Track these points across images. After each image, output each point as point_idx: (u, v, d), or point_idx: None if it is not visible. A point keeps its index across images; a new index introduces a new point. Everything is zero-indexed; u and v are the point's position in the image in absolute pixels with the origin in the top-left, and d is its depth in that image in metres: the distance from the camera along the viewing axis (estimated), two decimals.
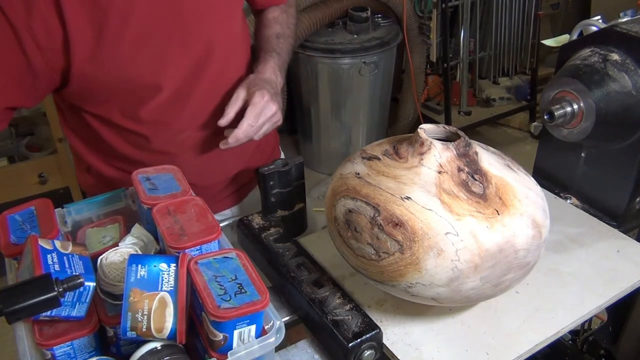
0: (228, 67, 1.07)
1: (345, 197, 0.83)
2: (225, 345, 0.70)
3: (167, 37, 0.95)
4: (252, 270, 0.75)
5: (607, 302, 0.91)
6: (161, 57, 0.96)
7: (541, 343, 0.84)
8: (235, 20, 1.07)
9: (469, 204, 0.77)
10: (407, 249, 0.75)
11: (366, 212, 0.79)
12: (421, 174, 0.79)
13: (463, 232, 0.74)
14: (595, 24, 1.21)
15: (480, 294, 0.80)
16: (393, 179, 0.80)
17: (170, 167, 0.97)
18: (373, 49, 2.71)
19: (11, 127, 2.39)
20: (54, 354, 0.73)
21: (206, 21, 0.99)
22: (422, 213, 0.76)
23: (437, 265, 0.75)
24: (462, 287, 0.77)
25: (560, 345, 1.28)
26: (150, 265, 0.73)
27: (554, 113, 1.02)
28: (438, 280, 0.76)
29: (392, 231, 0.76)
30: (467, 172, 0.79)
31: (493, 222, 0.76)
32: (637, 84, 0.97)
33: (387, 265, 0.78)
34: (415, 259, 0.75)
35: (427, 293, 0.78)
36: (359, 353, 0.80)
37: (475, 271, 0.75)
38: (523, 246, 0.77)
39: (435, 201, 0.76)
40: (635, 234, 1.12)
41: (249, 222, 1.05)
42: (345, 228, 0.82)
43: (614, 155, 1.06)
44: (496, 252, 0.75)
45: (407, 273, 0.76)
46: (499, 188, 0.79)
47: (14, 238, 0.84)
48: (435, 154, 0.80)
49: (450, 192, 0.77)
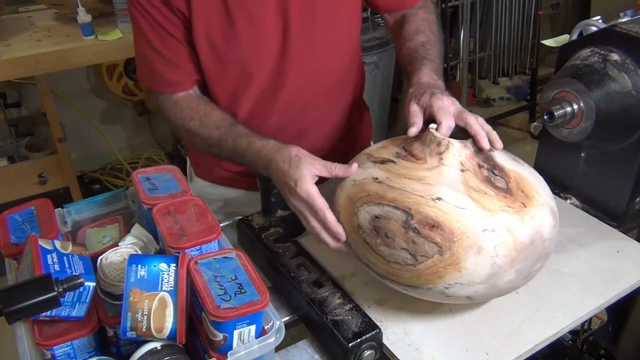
0: (324, 66, 1.10)
1: (367, 203, 0.81)
2: (225, 345, 0.70)
3: (272, 24, 1.01)
4: (252, 270, 0.75)
5: (607, 302, 0.91)
6: (262, 47, 1.02)
7: (541, 343, 0.84)
8: (344, 17, 1.09)
9: (498, 199, 0.77)
10: (447, 250, 0.75)
11: (397, 217, 0.77)
12: (445, 173, 0.79)
13: (499, 227, 0.75)
14: (595, 24, 1.21)
15: (513, 287, 0.81)
16: (417, 181, 0.79)
17: (171, 167, 0.97)
18: (373, 49, 2.71)
19: (11, 127, 2.39)
20: (54, 354, 0.73)
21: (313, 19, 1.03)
22: (456, 212, 0.75)
23: (477, 263, 0.75)
24: (499, 282, 0.77)
25: (560, 346, 1.27)
26: (150, 265, 0.73)
27: (554, 113, 1.02)
28: (477, 277, 0.76)
29: (429, 234, 0.75)
30: (487, 169, 0.80)
31: (523, 215, 0.77)
32: (637, 84, 0.97)
33: (425, 269, 0.76)
34: (456, 259, 0.75)
35: (464, 292, 0.78)
36: (358, 353, 0.80)
37: (511, 265, 0.76)
38: (548, 235, 0.79)
39: (467, 199, 0.76)
40: (635, 234, 1.12)
41: (249, 222, 1.05)
42: (374, 235, 0.79)
43: (614, 155, 1.06)
44: (529, 244, 0.77)
45: (447, 274, 0.76)
46: (519, 182, 0.80)
47: (14, 238, 0.84)
48: (454, 153, 0.80)
49: (478, 189, 0.78)
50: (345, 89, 1.18)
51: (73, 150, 2.58)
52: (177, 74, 1.04)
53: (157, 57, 1.03)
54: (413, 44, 1.07)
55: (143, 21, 1.00)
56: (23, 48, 1.99)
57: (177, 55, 1.03)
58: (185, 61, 1.04)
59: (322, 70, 1.09)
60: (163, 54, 1.02)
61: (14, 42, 2.04)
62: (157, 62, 1.03)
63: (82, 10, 2.01)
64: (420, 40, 1.08)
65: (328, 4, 1.03)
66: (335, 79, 1.13)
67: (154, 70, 1.04)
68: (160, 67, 1.04)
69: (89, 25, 2.04)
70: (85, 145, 2.85)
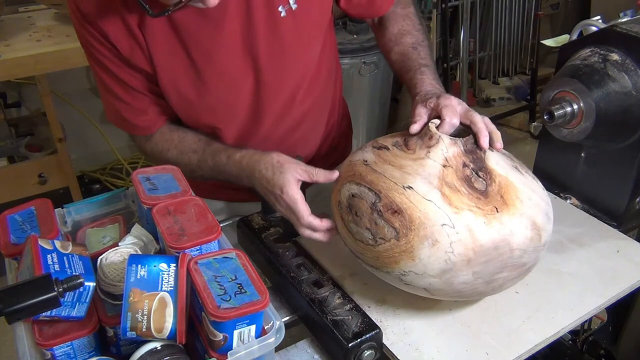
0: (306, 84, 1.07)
1: (350, 182, 0.85)
2: (225, 345, 0.70)
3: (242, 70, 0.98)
4: (252, 270, 0.75)
5: (607, 302, 0.91)
6: (237, 91, 1.00)
7: (541, 343, 0.84)
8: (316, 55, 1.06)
9: (469, 198, 0.78)
10: (403, 237, 0.77)
11: (368, 198, 0.81)
12: (426, 165, 0.81)
13: (459, 225, 0.76)
14: (595, 24, 1.21)
15: (473, 290, 0.80)
16: (398, 169, 0.82)
17: (170, 167, 0.97)
18: (373, 49, 2.71)
19: (11, 127, 2.39)
20: (54, 354, 0.73)
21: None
22: (421, 203, 0.77)
23: (430, 255, 0.76)
24: (454, 280, 0.78)
25: (560, 345, 1.28)
26: (150, 265, 0.73)
27: (553, 113, 1.02)
28: (431, 270, 0.77)
29: (390, 218, 0.78)
30: (471, 169, 0.81)
31: (491, 218, 0.76)
32: (637, 84, 0.97)
33: (383, 251, 0.79)
34: (410, 247, 0.76)
35: (420, 283, 0.79)
36: (358, 353, 0.80)
37: (468, 265, 0.76)
38: (520, 246, 0.77)
39: (436, 193, 0.78)
40: (635, 234, 1.12)
41: (249, 222, 1.05)
42: (347, 212, 0.84)
43: (614, 155, 1.06)
44: (491, 249, 0.76)
45: (401, 260, 0.78)
46: (502, 187, 0.80)
47: (14, 238, 0.84)
48: (442, 148, 0.81)
49: (452, 185, 0.79)
50: (324, 101, 1.16)
51: (73, 150, 2.58)
52: (145, 119, 1.03)
53: (124, 105, 1.00)
54: (403, 48, 1.06)
55: (104, 75, 0.98)
56: (23, 48, 1.99)
57: (142, 103, 1.01)
58: (152, 108, 1.02)
59: (297, 97, 1.07)
60: (129, 102, 1.00)
61: (14, 42, 2.04)
62: (124, 111, 1.01)
63: None
64: (410, 42, 1.07)
65: (295, 34, 0.98)
66: (313, 99, 1.10)
67: (122, 117, 1.02)
68: (127, 115, 1.01)
69: None
70: (85, 145, 2.85)
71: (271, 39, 0.96)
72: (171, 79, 0.97)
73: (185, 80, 0.97)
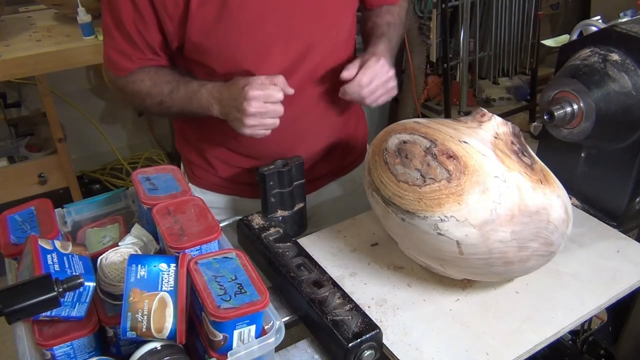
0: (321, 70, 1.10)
1: (401, 132, 0.88)
2: (225, 345, 0.70)
3: (274, 31, 1.01)
4: (252, 270, 0.75)
5: (607, 302, 0.91)
6: (263, 49, 1.02)
7: (541, 343, 0.84)
8: (343, 27, 1.11)
9: (519, 164, 0.82)
10: (455, 179, 0.79)
11: (422, 143, 0.84)
12: (479, 133, 0.84)
13: (510, 181, 0.79)
14: (595, 24, 1.21)
15: (502, 255, 0.81)
16: (453, 129, 0.85)
17: (170, 167, 0.97)
18: None
19: (11, 127, 2.39)
20: (54, 354, 0.73)
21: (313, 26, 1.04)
22: (476, 155, 0.80)
23: (478, 201, 0.78)
24: (492, 236, 0.78)
25: (560, 346, 1.28)
26: (150, 265, 0.73)
27: (553, 113, 1.02)
28: (474, 218, 0.78)
29: (445, 161, 0.80)
30: (518, 148, 0.85)
31: (537, 186, 0.81)
32: (637, 84, 0.97)
33: (429, 192, 0.80)
34: (460, 190, 0.78)
35: (456, 233, 0.79)
36: (358, 353, 0.80)
37: (510, 222, 0.78)
38: (555, 221, 0.81)
39: (490, 152, 0.81)
40: (635, 234, 1.12)
41: (249, 222, 1.05)
42: (395, 155, 0.86)
43: (614, 155, 1.06)
44: (533, 212, 0.79)
45: (447, 203, 0.79)
46: (543, 169, 0.85)
47: (14, 238, 0.84)
48: (494, 125, 0.86)
49: (503, 151, 0.82)
50: None
51: (73, 150, 2.58)
52: (132, 66, 1.05)
53: (117, 49, 1.03)
54: (380, 20, 1.16)
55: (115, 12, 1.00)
56: (23, 48, 1.99)
57: (136, 52, 1.03)
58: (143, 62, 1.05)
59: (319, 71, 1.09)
60: (122, 49, 1.03)
61: (14, 42, 2.04)
62: (114, 54, 1.04)
63: (82, 10, 2.02)
64: (387, 20, 1.16)
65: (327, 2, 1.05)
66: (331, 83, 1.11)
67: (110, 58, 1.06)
68: (124, 46, 1.03)
69: (89, 25, 2.04)
70: (85, 145, 2.85)
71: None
72: (202, 24, 0.98)
73: (217, 25, 0.98)
